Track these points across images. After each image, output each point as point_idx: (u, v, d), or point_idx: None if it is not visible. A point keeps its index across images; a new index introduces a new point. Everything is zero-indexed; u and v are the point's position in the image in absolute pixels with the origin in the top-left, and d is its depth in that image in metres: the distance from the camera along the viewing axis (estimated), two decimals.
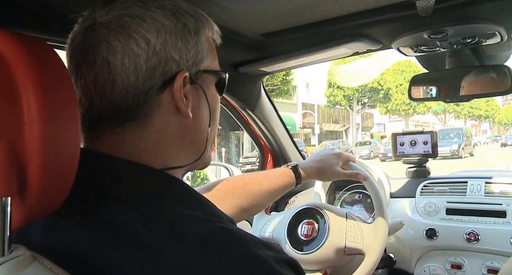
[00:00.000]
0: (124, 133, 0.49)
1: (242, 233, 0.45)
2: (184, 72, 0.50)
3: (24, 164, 0.36)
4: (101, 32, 0.47)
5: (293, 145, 1.68)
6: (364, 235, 0.98)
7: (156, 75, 0.48)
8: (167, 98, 0.50)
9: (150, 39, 0.47)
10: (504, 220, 1.19)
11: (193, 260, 0.40)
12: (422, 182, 1.41)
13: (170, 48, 0.49)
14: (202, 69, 0.53)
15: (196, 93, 0.53)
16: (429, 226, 1.27)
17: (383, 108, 28.75)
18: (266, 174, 0.97)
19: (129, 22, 0.47)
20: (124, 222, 0.42)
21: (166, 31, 0.49)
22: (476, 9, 0.89)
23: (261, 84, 1.50)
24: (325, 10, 0.93)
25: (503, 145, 29.78)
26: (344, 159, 1.02)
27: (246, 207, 0.90)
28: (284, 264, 0.44)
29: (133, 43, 0.47)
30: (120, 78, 0.47)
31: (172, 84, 0.49)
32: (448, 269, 1.25)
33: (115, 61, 0.47)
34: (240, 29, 1.04)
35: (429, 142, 1.48)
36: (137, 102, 0.48)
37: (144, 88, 0.48)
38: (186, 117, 0.51)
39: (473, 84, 1.09)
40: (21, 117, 0.35)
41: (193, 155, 0.56)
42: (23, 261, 0.37)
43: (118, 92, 0.47)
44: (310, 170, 0.98)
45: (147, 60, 0.47)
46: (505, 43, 1.02)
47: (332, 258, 0.99)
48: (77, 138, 0.40)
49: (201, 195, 0.51)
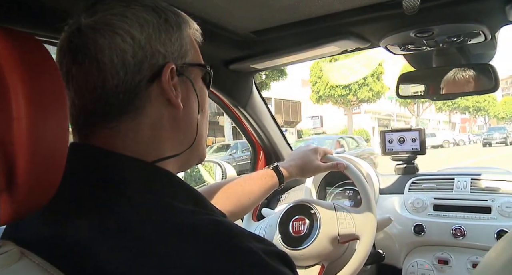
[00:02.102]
0: (119, 127, 0.50)
1: (234, 226, 0.45)
2: (170, 64, 0.51)
3: (12, 159, 0.36)
4: (87, 33, 0.49)
5: (285, 142, 1.69)
6: (355, 220, 1.00)
7: (143, 68, 0.49)
8: (157, 90, 0.51)
9: (135, 34, 0.49)
10: (489, 216, 1.21)
11: (185, 251, 0.40)
12: (410, 178, 1.44)
13: (154, 42, 0.50)
14: (188, 62, 0.55)
15: (184, 85, 0.54)
16: (417, 222, 1.29)
17: (313, 95, 21.44)
18: (247, 176, 0.98)
19: (113, 20, 0.49)
20: (117, 214, 0.43)
21: (149, 25, 0.50)
22: (461, 9, 0.90)
23: (253, 81, 1.51)
24: (314, 8, 0.94)
25: (485, 145, 23.74)
26: (322, 153, 1.04)
27: (231, 210, 0.90)
28: (274, 256, 0.45)
29: (119, 39, 0.48)
30: (109, 75, 0.48)
31: (160, 76, 0.50)
32: (435, 264, 1.27)
33: (103, 58, 0.48)
34: (230, 27, 1.05)
35: (418, 139, 1.50)
36: (128, 97, 0.49)
37: (133, 82, 0.49)
38: (177, 108, 0.53)
39: (459, 83, 1.11)
40: (9, 112, 0.35)
41: (185, 144, 0.57)
42: (11, 256, 0.37)
43: (109, 89, 0.49)
44: (291, 169, 0.99)
45: (134, 54, 0.49)
46: (490, 43, 1.04)
47: (328, 249, 1.00)
48: (65, 134, 0.40)
49: (194, 189, 0.53)
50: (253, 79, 1.51)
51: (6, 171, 0.36)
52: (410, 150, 1.51)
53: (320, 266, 1.02)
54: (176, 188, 0.51)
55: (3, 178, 0.36)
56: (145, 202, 0.44)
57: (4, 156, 0.36)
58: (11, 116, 0.35)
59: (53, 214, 0.45)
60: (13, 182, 0.36)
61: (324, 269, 1.03)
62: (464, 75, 1.11)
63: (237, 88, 1.44)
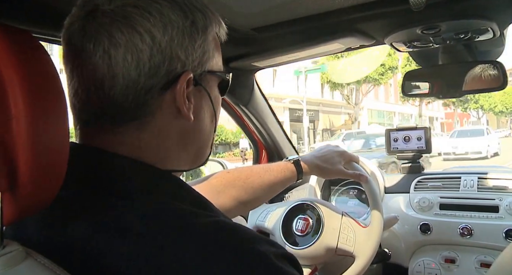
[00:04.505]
0: (124, 134, 0.47)
1: (241, 228, 0.44)
2: (188, 73, 0.48)
3: (13, 159, 0.35)
4: (103, 21, 0.45)
5: (287, 140, 1.68)
6: (356, 238, 0.98)
7: (159, 74, 0.46)
8: (169, 99, 0.47)
9: (156, 34, 0.45)
10: (497, 215, 1.20)
11: (191, 255, 0.39)
12: (416, 177, 1.42)
13: (176, 46, 0.46)
14: (207, 70, 0.51)
15: (199, 94, 0.51)
16: (423, 221, 1.28)
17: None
18: (267, 167, 0.95)
19: (133, 14, 0.45)
20: (120, 217, 0.42)
21: (173, 27, 0.46)
22: (469, 4, 0.88)
23: (254, 79, 1.49)
24: (318, 4, 0.92)
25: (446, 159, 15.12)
26: (347, 158, 1.01)
27: (245, 200, 0.89)
28: (283, 259, 0.43)
29: (137, 38, 0.44)
30: (121, 74, 0.45)
31: (175, 85, 0.47)
32: (442, 263, 1.26)
33: (116, 55, 0.44)
34: (231, 23, 1.03)
35: (423, 137, 1.48)
36: (137, 101, 0.46)
37: (145, 87, 0.46)
38: (188, 120, 0.49)
39: (466, 80, 1.09)
40: (8, 111, 0.35)
41: (195, 158, 0.54)
42: (16, 256, 0.37)
43: (118, 89, 0.45)
44: (312, 166, 0.96)
45: (151, 57, 0.45)
46: (498, 39, 1.02)
47: (323, 256, 1.00)
48: (66, 132, 0.40)
49: (197, 192, 0.51)
50: (254, 77, 1.49)
51: (7, 171, 0.35)
52: (416, 149, 1.49)
53: (311, 269, 1.02)
54: (179, 190, 0.49)
55: (5, 178, 0.35)
56: (147, 204, 0.43)
57: (4, 155, 0.35)
58: (9, 115, 0.35)
59: (54, 214, 0.44)
60: (15, 182, 0.36)
61: (316, 271, 1.03)
62: (471, 73, 1.09)
63: (238, 86, 1.42)
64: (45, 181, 0.38)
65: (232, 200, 0.87)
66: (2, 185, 0.35)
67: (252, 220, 1.16)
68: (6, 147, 0.35)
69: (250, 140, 1.67)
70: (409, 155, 1.49)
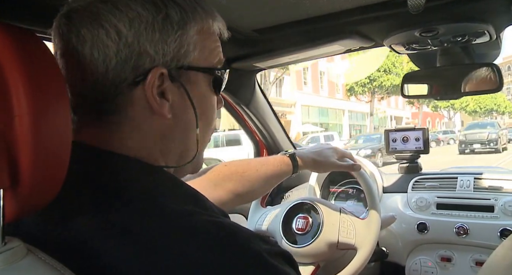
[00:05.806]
0: (105, 128, 0.48)
1: (236, 227, 0.44)
2: (159, 69, 0.46)
3: (15, 157, 0.35)
4: (72, 19, 0.45)
5: (288, 141, 1.69)
6: (356, 230, 1.00)
7: (126, 69, 0.45)
8: (140, 95, 0.47)
9: (122, 29, 0.44)
10: (492, 215, 1.21)
11: (186, 253, 0.40)
12: (413, 177, 1.44)
13: (145, 41, 0.45)
14: (187, 65, 0.49)
15: (178, 91, 0.49)
16: (420, 220, 1.30)
17: None
18: (264, 160, 0.97)
19: (101, 9, 0.45)
20: (117, 215, 0.42)
21: (141, 21, 0.45)
22: (466, 8, 0.90)
23: (255, 80, 1.51)
24: (318, 7, 0.94)
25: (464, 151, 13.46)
26: (340, 154, 1.04)
27: (242, 193, 0.90)
28: (278, 256, 0.44)
29: (102, 33, 0.44)
30: (89, 69, 0.45)
31: (145, 80, 0.46)
32: (438, 262, 1.28)
33: (83, 51, 0.45)
34: (232, 25, 1.04)
35: (421, 138, 1.50)
36: (107, 95, 0.46)
37: (114, 82, 0.45)
38: (162, 117, 0.48)
39: (464, 82, 1.11)
40: (11, 109, 0.35)
41: (182, 156, 0.53)
42: (17, 253, 0.37)
43: (88, 83, 0.46)
44: (307, 159, 0.98)
45: (118, 52, 0.44)
46: (494, 42, 1.03)
47: (325, 252, 1.01)
48: (68, 129, 0.40)
49: (195, 189, 0.50)
50: (255, 77, 1.51)
51: (10, 169, 0.36)
52: (414, 149, 1.51)
53: (315, 266, 1.03)
54: (175, 188, 0.49)
55: (7, 176, 0.35)
56: (143, 203, 0.43)
57: (7, 153, 0.35)
58: (12, 113, 0.35)
59: (54, 212, 0.44)
60: (17, 179, 0.36)
61: (318, 269, 1.04)
62: (469, 75, 1.10)
63: (240, 86, 1.44)
64: (47, 179, 0.38)
65: (229, 193, 0.89)
66: (4, 182, 0.36)
67: (252, 224, 1.17)
68: (8, 145, 0.35)
69: (251, 139, 1.68)
70: (407, 155, 1.51)
